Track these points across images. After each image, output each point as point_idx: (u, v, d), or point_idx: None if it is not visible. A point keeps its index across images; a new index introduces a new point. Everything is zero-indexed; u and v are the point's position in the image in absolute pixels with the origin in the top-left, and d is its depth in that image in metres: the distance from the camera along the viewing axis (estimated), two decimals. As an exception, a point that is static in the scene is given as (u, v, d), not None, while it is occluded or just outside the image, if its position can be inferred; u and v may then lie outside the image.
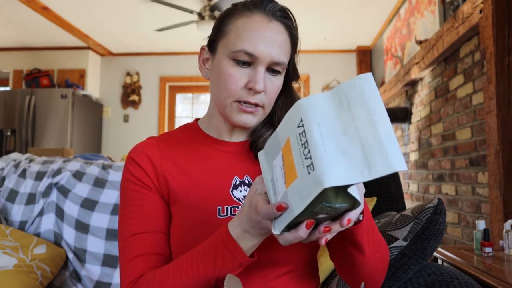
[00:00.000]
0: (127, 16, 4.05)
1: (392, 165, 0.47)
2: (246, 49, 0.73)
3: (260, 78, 0.74)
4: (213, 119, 0.84)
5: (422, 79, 2.91)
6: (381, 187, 1.31)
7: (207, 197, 0.76)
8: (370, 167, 0.47)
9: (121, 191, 0.80)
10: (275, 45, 0.74)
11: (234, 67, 0.75)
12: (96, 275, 1.26)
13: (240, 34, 0.74)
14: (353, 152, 0.49)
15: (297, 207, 0.51)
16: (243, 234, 0.63)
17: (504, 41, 1.76)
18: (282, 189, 0.55)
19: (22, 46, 4.93)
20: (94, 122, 4.96)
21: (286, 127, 0.56)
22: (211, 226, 0.72)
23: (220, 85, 0.77)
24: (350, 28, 4.34)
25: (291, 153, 0.53)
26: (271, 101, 0.78)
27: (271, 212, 0.55)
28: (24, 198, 1.35)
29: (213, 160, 0.80)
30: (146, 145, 0.81)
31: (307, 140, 0.50)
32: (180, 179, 0.78)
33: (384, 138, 0.49)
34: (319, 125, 0.51)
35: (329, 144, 0.49)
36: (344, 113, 0.52)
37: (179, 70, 5.16)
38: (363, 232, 0.66)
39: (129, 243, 0.75)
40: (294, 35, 0.79)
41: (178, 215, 0.77)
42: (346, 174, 0.47)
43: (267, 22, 0.75)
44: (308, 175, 0.49)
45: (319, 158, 0.48)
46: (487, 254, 1.36)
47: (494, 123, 1.76)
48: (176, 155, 0.80)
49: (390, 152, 0.48)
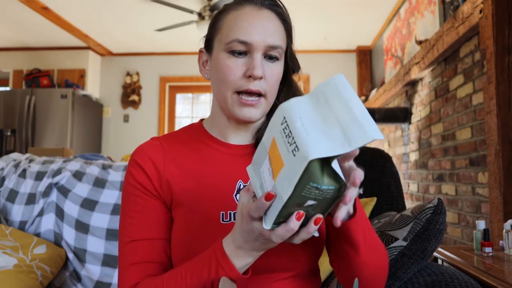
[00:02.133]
0: (127, 16, 4.05)
1: (369, 134, 0.52)
2: (239, 38, 0.73)
3: (257, 63, 0.73)
4: (216, 118, 0.83)
5: (422, 79, 2.91)
6: (381, 187, 1.31)
7: (211, 202, 0.75)
8: (350, 140, 0.52)
9: (123, 194, 0.80)
10: (268, 30, 0.75)
11: (231, 58, 0.75)
12: (96, 275, 1.26)
13: (232, 26, 0.75)
14: (333, 133, 0.54)
15: (286, 192, 0.52)
16: (236, 251, 0.62)
17: (504, 41, 1.76)
18: (270, 184, 0.56)
19: (22, 46, 4.93)
20: (94, 122, 4.96)
21: (270, 131, 0.59)
22: (215, 232, 0.72)
23: (219, 79, 0.76)
24: (350, 28, 4.34)
25: (277, 148, 0.56)
26: (272, 88, 0.77)
27: (260, 204, 0.55)
28: (24, 198, 1.35)
29: (217, 163, 0.79)
30: (150, 146, 0.80)
31: (290, 131, 0.54)
32: (184, 182, 0.77)
33: (359, 116, 0.54)
34: (301, 117, 0.55)
35: (311, 130, 0.54)
36: (322, 107, 0.57)
37: (179, 70, 5.16)
38: (358, 228, 0.66)
39: (128, 249, 0.75)
40: (287, 22, 0.79)
41: (180, 219, 0.76)
42: (329, 147, 0.52)
43: (257, 10, 0.76)
44: (294, 157, 0.52)
45: (302, 139, 0.52)
46: (487, 254, 1.36)
47: (494, 123, 1.76)
48: (179, 157, 0.79)
49: (366, 125, 0.53)
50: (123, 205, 0.79)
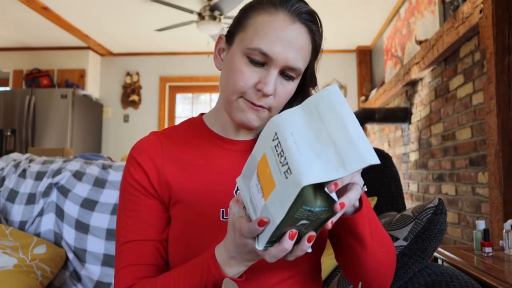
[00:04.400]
0: (127, 16, 4.05)
1: (365, 159, 0.49)
2: (261, 48, 0.69)
3: (271, 80, 0.70)
4: (219, 113, 0.81)
5: (422, 79, 2.91)
6: (381, 187, 1.31)
7: (211, 199, 0.74)
8: (344, 164, 0.50)
9: (120, 192, 0.79)
10: (293, 48, 0.70)
11: (247, 65, 0.71)
12: (96, 275, 1.26)
13: (258, 31, 0.70)
14: (327, 153, 0.51)
15: (278, 215, 0.51)
16: (229, 261, 0.62)
17: (504, 41, 1.76)
18: (260, 203, 0.55)
19: (22, 46, 4.93)
20: (94, 122, 4.96)
21: (261, 145, 0.57)
22: (214, 229, 0.71)
23: (229, 79, 0.73)
24: (350, 28, 4.34)
25: (268, 166, 0.54)
26: (279, 104, 0.74)
27: (253, 229, 0.54)
28: (24, 198, 1.35)
29: (218, 160, 0.78)
30: (149, 143, 0.79)
31: (282, 149, 0.52)
32: (183, 179, 0.75)
33: (355, 137, 0.51)
34: (293, 134, 0.53)
35: (304, 149, 0.51)
36: (315, 122, 0.54)
37: (179, 70, 5.16)
38: (364, 222, 0.64)
39: (124, 250, 0.75)
40: (317, 41, 0.74)
41: (179, 216, 0.75)
42: (323, 172, 0.50)
43: (290, 23, 0.70)
44: (286, 179, 0.50)
45: (295, 161, 0.50)
46: (487, 254, 1.36)
47: (494, 123, 1.76)
48: (179, 152, 0.78)
49: (362, 148, 0.50)
50: (120, 203, 0.78)
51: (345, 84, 4.99)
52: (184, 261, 0.70)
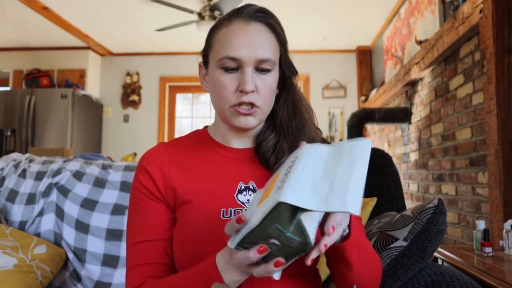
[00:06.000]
0: (127, 16, 4.05)
1: (346, 205, 0.53)
2: (229, 55, 0.76)
3: (248, 79, 0.76)
4: (218, 126, 0.88)
5: (422, 79, 2.91)
6: (381, 187, 1.31)
7: (212, 199, 0.79)
8: (328, 202, 0.54)
9: (130, 197, 0.85)
10: (257, 44, 0.77)
11: (224, 74, 0.78)
12: (96, 275, 1.26)
13: (222, 43, 0.78)
14: (321, 188, 0.56)
15: (255, 220, 0.55)
16: (226, 265, 0.64)
17: (504, 41, 1.76)
18: (254, 209, 0.59)
19: (22, 46, 4.93)
20: (94, 122, 4.96)
21: (284, 165, 0.64)
22: (215, 227, 0.75)
23: (216, 94, 0.81)
24: (350, 28, 4.34)
25: (275, 180, 0.60)
26: (265, 99, 0.80)
27: (231, 224, 0.58)
28: (24, 198, 1.35)
29: (220, 165, 0.84)
30: (156, 152, 0.85)
31: (290, 171, 0.59)
32: (188, 182, 0.81)
33: (352, 185, 0.55)
34: (308, 164, 0.59)
35: (306, 177, 0.57)
36: (333, 160, 0.61)
37: (179, 70, 5.16)
38: (352, 249, 0.68)
39: (133, 250, 0.80)
40: (279, 32, 0.81)
41: (183, 217, 0.80)
42: (304, 200, 0.54)
43: (246, 25, 0.78)
44: (276, 193, 0.55)
45: (290, 182, 0.55)
46: (487, 254, 1.36)
47: (494, 123, 1.76)
48: (184, 158, 0.84)
49: (350, 195, 0.54)
50: (130, 208, 0.84)
51: (345, 84, 4.99)
52: (187, 257, 0.76)
